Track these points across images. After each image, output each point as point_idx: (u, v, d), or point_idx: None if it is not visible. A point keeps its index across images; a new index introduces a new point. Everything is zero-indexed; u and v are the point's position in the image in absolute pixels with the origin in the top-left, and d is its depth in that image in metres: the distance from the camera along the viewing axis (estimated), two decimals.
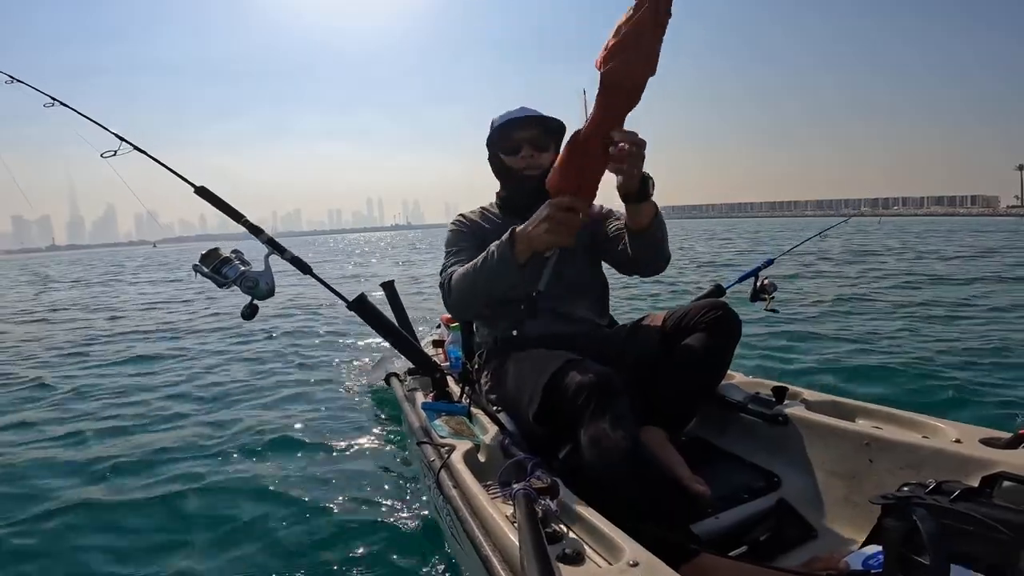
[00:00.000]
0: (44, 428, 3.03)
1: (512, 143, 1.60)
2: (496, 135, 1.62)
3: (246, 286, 1.48)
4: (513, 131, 1.60)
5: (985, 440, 1.17)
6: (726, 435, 1.67)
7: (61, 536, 1.90)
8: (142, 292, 11.80)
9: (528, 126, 1.60)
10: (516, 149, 1.60)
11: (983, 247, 14.21)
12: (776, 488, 1.40)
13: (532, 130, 1.60)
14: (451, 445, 1.29)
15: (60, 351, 5.39)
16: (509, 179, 1.65)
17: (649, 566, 0.80)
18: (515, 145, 1.60)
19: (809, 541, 1.27)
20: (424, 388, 1.86)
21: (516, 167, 1.61)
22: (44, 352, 5.38)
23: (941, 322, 4.80)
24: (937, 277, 8.00)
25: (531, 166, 1.60)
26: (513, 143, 1.60)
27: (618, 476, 1.09)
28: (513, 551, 0.87)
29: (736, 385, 1.72)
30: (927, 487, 0.90)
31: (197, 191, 1.61)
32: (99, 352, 5.23)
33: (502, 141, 1.62)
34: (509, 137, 1.60)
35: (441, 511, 1.35)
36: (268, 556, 1.70)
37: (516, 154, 1.60)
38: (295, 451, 2.53)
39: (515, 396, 1.41)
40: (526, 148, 1.59)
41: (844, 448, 1.36)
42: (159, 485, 2.24)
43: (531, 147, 1.59)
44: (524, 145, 1.59)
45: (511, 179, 1.65)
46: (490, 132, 1.65)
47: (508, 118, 1.60)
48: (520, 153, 1.60)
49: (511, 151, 1.61)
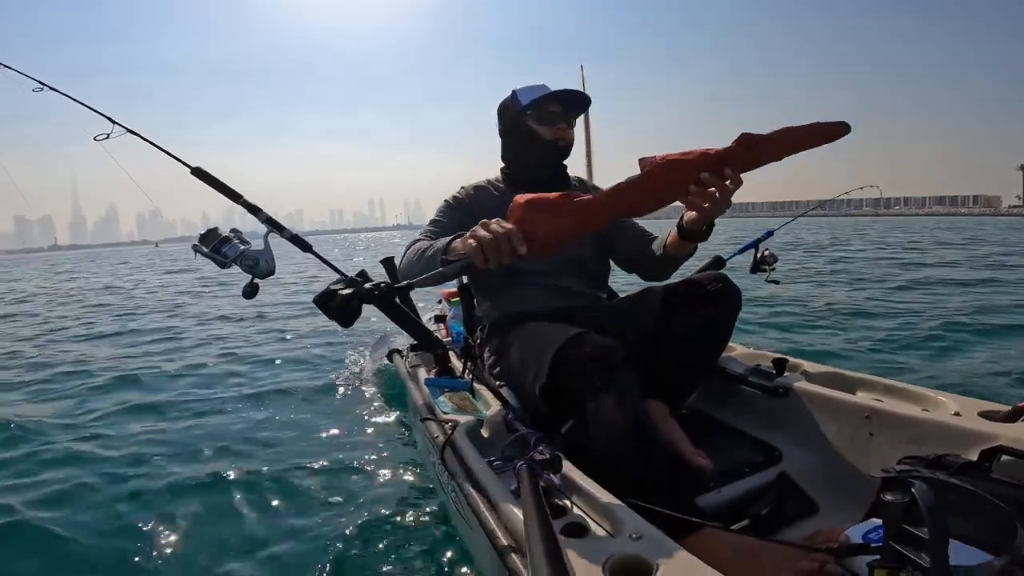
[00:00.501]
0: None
1: (548, 114, 1.63)
2: (530, 104, 1.63)
3: (246, 265, 1.47)
4: (549, 103, 1.62)
5: (984, 413, 1.18)
6: (727, 408, 1.68)
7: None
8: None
9: (563, 101, 1.63)
10: (552, 120, 1.63)
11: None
12: (777, 462, 1.42)
13: (564, 104, 1.64)
14: (454, 421, 1.30)
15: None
16: (536, 148, 1.67)
17: (652, 538, 0.81)
18: (551, 116, 1.63)
19: (810, 515, 1.29)
20: (426, 364, 1.86)
21: (550, 137, 1.64)
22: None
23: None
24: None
25: (563, 138, 1.66)
26: (549, 114, 1.63)
27: (622, 451, 1.10)
28: (518, 525, 0.88)
29: (736, 357, 1.72)
30: (927, 461, 0.91)
31: (193, 172, 1.59)
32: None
33: (539, 111, 1.63)
34: (545, 108, 1.63)
35: (445, 487, 1.37)
36: (268, 532, 1.72)
37: (552, 125, 1.64)
38: (297, 429, 2.55)
39: (519, 371, 1.42)
40: (560, 121, 1.64)
41: (845, 421, 1.37)
42: (156, 460, 2.28)
43: (563, 120, 1.64)
44: (558, 119, 1.64)
45: (539, 148, 1.66)
46: (515, 100, 1.66)
47: (546, 92, 1.62)
48: (557, 124, 1.64)
49: (547, 121, 1.64)
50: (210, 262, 1.47)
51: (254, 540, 1.70)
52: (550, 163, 1.69)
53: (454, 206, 1.68)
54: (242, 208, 1.56)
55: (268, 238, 1.54)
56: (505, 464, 1.11)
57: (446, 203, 1.69)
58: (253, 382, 3.39)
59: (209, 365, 3.86)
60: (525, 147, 1.69)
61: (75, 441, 2.51)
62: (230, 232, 1.51)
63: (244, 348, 4.39)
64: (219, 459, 2.27)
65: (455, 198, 1.70)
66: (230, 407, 2.91)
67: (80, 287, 12.39)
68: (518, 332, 1.48)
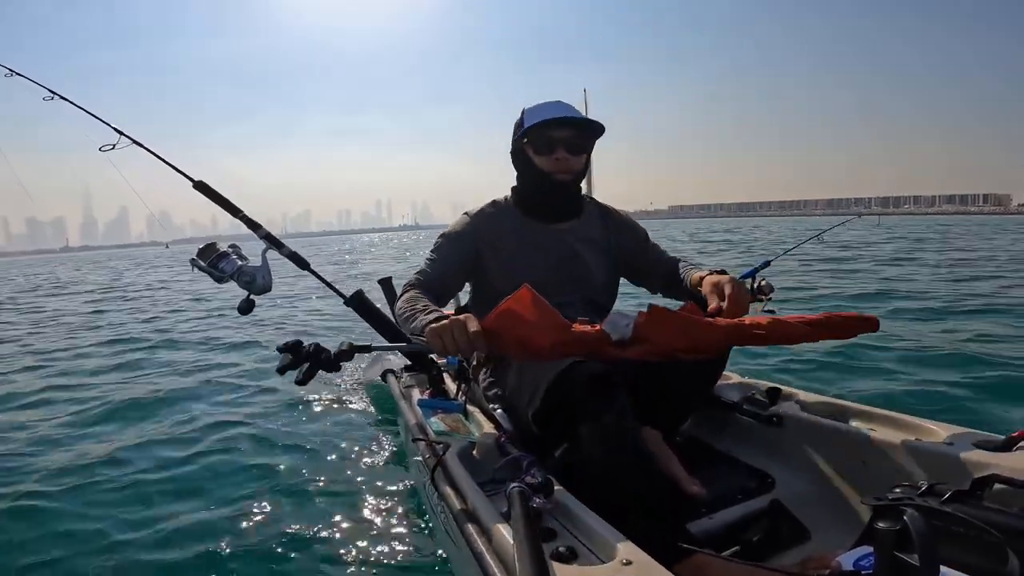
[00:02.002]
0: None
1: (546, 141, 1.47)
2: (530, 131, 1.48)
3: (243, 281, 1.48)
4: (550, 129, 1.46)
5: (978, 443, 1.18)
6: (721, 436, 1.67)
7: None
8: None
9: (566, 125, 1.47)
10: (550, 149, 1.47)
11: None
12: (770, 489, 1.41)
13: (570, 130, 1.47)
14: (446, 443, 1.30)
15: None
16: (532, 177, 1.53)
17: (642, 565, 0.80)
18: (550, 144, 1.47)
19: (802, 542, 1.28)
20: (420, 385, 1.86)
21: (545, 168, 1.49)
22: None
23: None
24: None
25: (562, 169, 1.49)
26: (548, 141, 1.47)
27: (615, 474, 1.10)
28: (507, 548, 0.87)
29: (731, 385, 1.72)
30: (919, 489, 0.91)
31: (196, 185, 1.61)
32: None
33: (535, 138, 1.48)
34: (544, 135, 1.47)
35: (436, 508, 1.35)
36: (259, 553, 1.70)
37: (549, 154, 1.47)
38: (288, 447, 2.52)
39: (514, 395, 1.41)
40: (561, 150, 1.47)
41: (837, 449, 1.37)
42: (149, 472, 2.26)
43: (566, 149, 1.47)
44: (559, 146, 1.47)
45: (534, 178, 1.52)
46: (521, 123, 1.51)
47: (547, 117, 1.46)
48: (554, 154, 1.47)
49: (544, 150, 1.48)
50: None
51: (241, 558, 1.67)
52: (546, 196, 1.53)
53: (453, 240, 1.54)
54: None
55: (266, 254, 1.55)
56: (496, 487, 1.10)
57: (445, 238, 1.56)
58: (233, 400, 3.36)
59: (184, 379, 3.85)
60: (523, 174, 1.56)
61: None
62: (228, 247, 1.52)
63: (228, 360, 4.37)
64: (205, 479, 2.24)
65: (455, 232, 1.56)
66: (216, 424, 2.88)
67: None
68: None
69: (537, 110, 1.50)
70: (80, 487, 2.19)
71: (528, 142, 1.50)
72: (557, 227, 1.56)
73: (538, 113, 1.48)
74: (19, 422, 3.06)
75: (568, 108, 1.51)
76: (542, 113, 1.48)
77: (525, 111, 1.53)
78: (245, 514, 1.93)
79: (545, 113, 1.47)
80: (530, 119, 1.49)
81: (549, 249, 1.53)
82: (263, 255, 1.54)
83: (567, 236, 1.56)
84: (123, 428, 2.91)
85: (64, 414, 3.17)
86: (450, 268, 1.51)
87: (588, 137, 1.52)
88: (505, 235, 1.54)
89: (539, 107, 1.51)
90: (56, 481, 2.24)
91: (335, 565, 1.61)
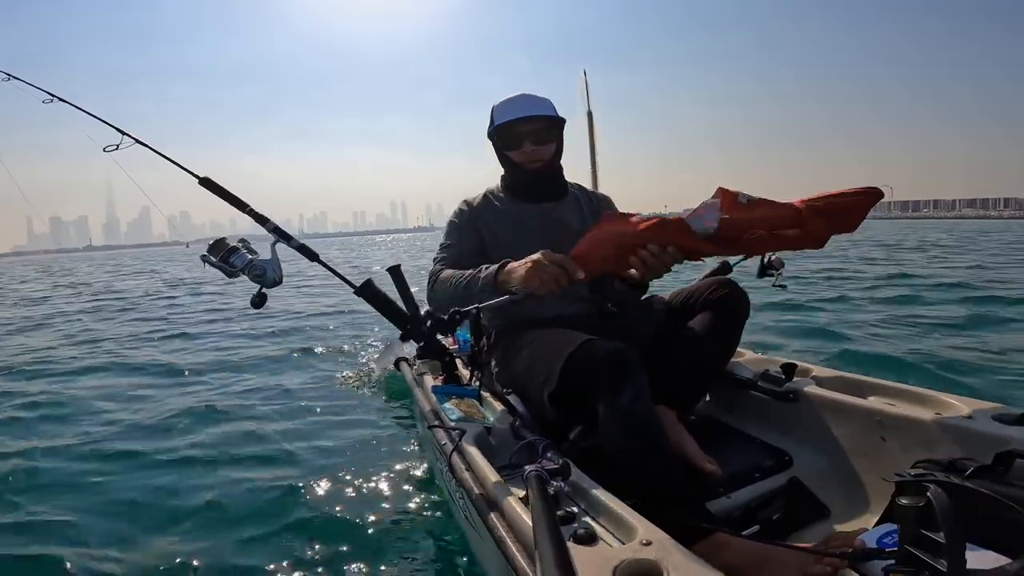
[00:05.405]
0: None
1: (514, 136, 1.61)
2: (498, 129, 1.61)
3: (254, 275, 1.48)
4: (515, 126, 1.60)
5: (997, 416, 1.17)
6: (736, 413, 1.67)
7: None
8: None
9: (529, 121, 1.59)
10: (518, 143, 1.60)
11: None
12: (788, 467, 1.41)
13: (533, 125, 1.59)
14: (462, 428, 1.30)
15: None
16: (509, 168, 1.68)
17: (662, 544, 0.80)
18: (517, 139, 1.60)
19: (822, 520, 1.28)
20: (433, 372, 1.86)
21: (517, 160, 1.63)
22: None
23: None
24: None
25: (532, 159, 1.62)
26: (515, 137, 1.60)
27: (633, 453, 1.10)
28: (527, 532, 0.87)
29: (745, 363, 1.71)
30: (941, 464, 0.90)
31: (201, 182, 1.61)
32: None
33: (503, 136, 1.62)
34: (510, 132, 1.60)
35: (454, 494, 1.36)
36: (278, 541, 1.72)
37: (518, 148, 1.61)
38: (305, 439, 2.55)
39: (527, 378, 1.41)
40: (527, 143, 1.60)
41: (855, 425, 1.36)
42: (164, 459, 2.32)
43: (532, 142, 1.60)
44: (525, 141, 1.60)
45: (511, 169, 1.67)
46: (490, 123, 1.64)
47: (510, 117, 1.59)
48: (522, 147, 1.60)
49: (513, 145, 1.62)
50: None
51: (259, 545, 1.69)
52: (527, 182, 1.67)
53: (461, 225, 1.67)
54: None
55: (276, 247, 1.55)
56: (513, 471, 1.11)
57: (453, 224, 1.69)
58: (258, 388, 3.40)
59: (199, 372, 3.90)
60: (506, 168, 1.69)
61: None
62: (238, 242, 1.52)
63: (246, 350, 4.41)
64: (221, 466, 2.27)
65: (460, 214, 1.69)
66: (233, 412, 2.91)
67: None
68: (525, 339, 1.48)
69: (503, 108, 1.62)
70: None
71: (499, 138, 1.64)
72: (544, 206, 1.68)
73: (503, 112, 1.61)
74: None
75: (532, 103, 1.61)
76: (506, 113, 1.60)
77: (494, 108, 1.64)
78: (260, 503, 1.95)
79: (509, 113, 1.60)
80: (498, 118, 1.61)
81: (539, 227, 1.63)
82: (272, 248, 1.54)
83: (554, 212, 1.68)
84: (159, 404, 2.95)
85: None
86: (467, 248, 1.62)
87: (552, 126, 1.63)
88: (500, 217, 1.65)
89: (505, 104, 1.62)
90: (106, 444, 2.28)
91: (352, 553, 1.63)
